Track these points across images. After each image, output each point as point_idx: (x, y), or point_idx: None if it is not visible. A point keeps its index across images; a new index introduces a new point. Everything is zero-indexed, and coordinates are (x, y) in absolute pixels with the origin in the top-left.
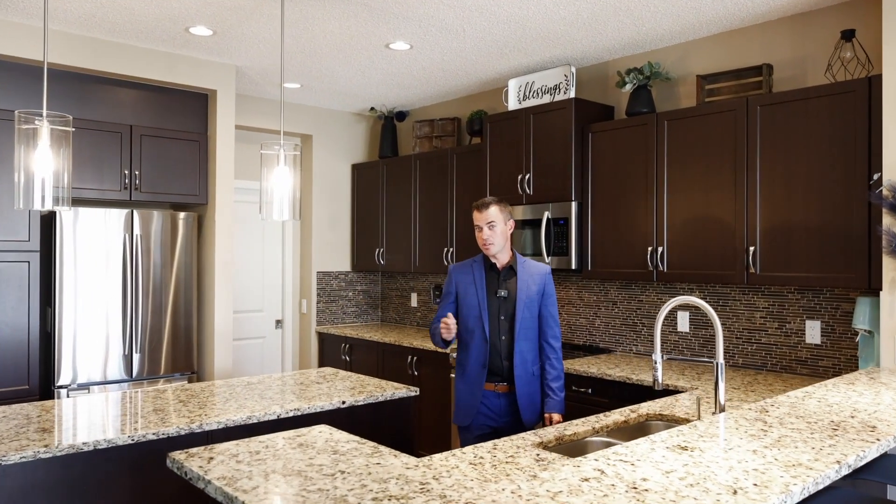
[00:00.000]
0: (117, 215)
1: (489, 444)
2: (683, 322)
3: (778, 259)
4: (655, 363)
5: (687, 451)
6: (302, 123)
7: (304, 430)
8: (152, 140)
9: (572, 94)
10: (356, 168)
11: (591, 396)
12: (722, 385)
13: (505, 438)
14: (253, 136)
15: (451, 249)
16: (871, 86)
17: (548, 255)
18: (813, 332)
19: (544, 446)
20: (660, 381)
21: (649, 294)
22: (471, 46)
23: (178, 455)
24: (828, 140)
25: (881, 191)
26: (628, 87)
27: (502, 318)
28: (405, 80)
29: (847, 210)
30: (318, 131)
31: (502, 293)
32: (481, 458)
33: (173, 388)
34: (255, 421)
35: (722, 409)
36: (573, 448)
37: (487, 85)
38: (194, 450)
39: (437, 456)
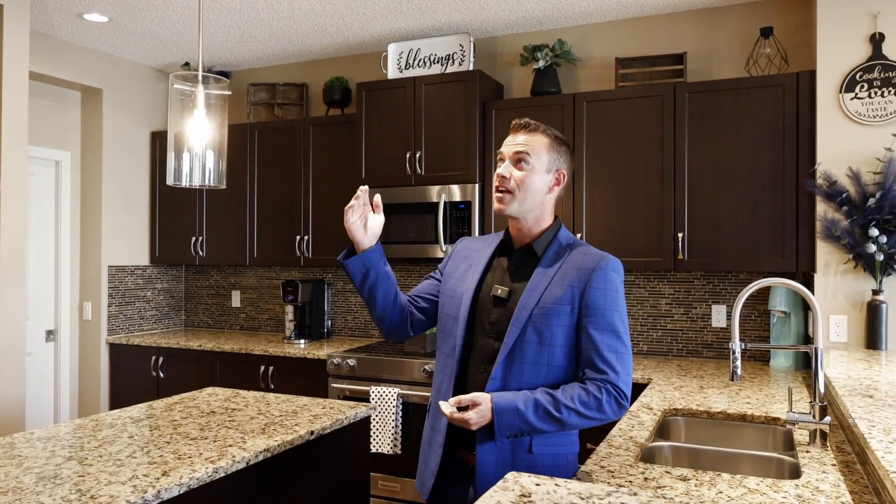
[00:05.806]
0: None
1: (592, 465)
2: None
3: (707, 245)
4: (734, 353)
5: None
6: (90, 73)
7: (496, 493)
8: None
9: (470, 66)
10: (158, 136)
11: None
12: (822, 374)
13: (602, 453)
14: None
15: (307, 238)
16: (799, 81)
17: (445, 244)
18: (719, 315)
19: (640, 459)
20: (739, 373)
21: None
22: None
23: None
24: (758, 130)
25: (817, 180)
26: (541, 64)
27: (489, 335)
28: (253, 32)
29: (776, 198)
30: (111, 86)
31: (500, 291)
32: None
33: (23, 437)
34: (223, 474)
35: (822, 399)
36: (647, 456)
37: (350, 49)
38: None
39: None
